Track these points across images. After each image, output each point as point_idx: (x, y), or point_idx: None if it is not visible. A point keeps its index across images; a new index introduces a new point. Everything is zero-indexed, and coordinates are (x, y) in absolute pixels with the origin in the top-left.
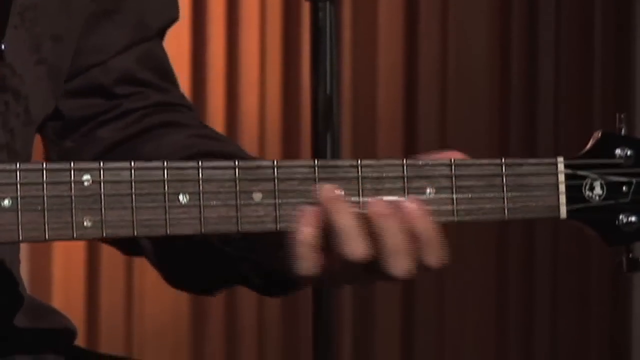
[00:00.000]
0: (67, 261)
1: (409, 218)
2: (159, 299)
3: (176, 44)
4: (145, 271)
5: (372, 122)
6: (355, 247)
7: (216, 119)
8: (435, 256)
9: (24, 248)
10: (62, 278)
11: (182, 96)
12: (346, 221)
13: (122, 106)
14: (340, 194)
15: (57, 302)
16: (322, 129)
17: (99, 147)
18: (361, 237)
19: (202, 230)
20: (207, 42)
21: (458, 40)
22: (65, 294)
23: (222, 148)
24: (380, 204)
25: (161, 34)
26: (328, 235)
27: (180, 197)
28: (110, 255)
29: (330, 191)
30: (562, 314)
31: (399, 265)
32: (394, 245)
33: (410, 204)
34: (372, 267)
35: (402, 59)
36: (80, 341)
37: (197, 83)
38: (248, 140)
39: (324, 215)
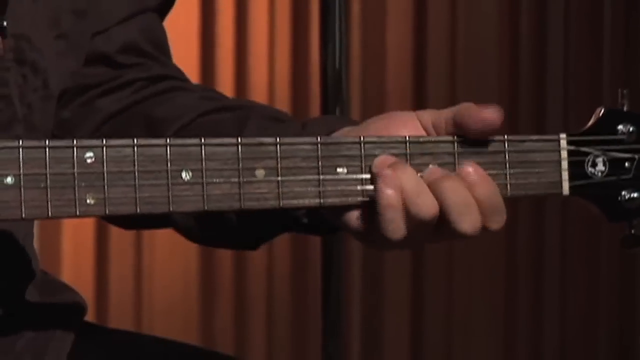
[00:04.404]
0: (76, 236)
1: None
2: (169, 274)
3: (185, 19)
4: (155, 246)
5: (381, 97)
6: (426, 206)
7: (225, 94)
8: (497, 221)
9: (34, 223)
10: (71, 252)
11: (180, 70)
12: (414, 182)
13: (125, 76)
14: (397, 159)
15: (66, 276)
16: (332, 104)
17: (98, 118)
18: (430, 196)
19: (205, 207)
20: (216, 17)
21: (467, 15)
22: (74, 268)
23: (235, 102)
24: (438, 171)
25: (160, 9)
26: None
27: (183, 174)
28: (119, 230)
29: (387, 160)
30: (571, 311)
31: (467, 221)
32: (460, 202)
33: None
34: (441, 226)
35: (412, 33)
36: (89, 316)
37: (206, 58)
38: None
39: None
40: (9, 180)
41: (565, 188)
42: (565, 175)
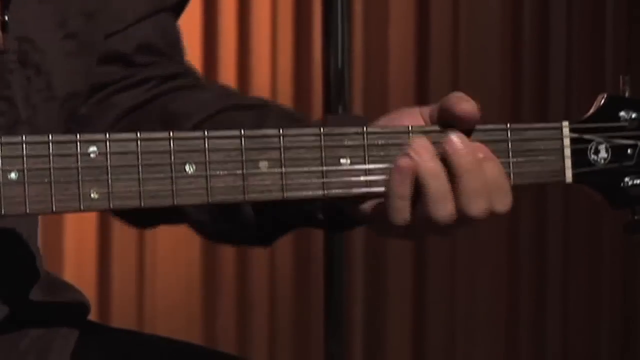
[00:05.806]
0: (78, 235)
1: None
2: (171, 273)
3: (188, 17)
4: (157, 245)
5: (384, 95)
6: (444, 208)
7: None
8: (504, 202)
9: (37, 223)
10: (73, 252)
11: (194, 69)
12: (438, 183)
13: (141, 74)
14: (431, 148)
15: (69, 276)
16: (334, 103)
17: (114, 114)
18: (451, 199)
19: (209, 200)
20: (218, 16)
21: (469, 14)
22: (76, 267)
23: (253, 100)
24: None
25: (176, 8)
26: (418, 192)
27: (187, 167)
28: (122, 229)
29: (421, 144)
30: (574, 308)
31: (477, 206)
32: (474, 186)
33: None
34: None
35: (414, 32)
36: (92, 315)
37: (208, 57)
38: None
39: (416, 172)
40: (13, 175)
41: (569, 176)
42: (568, 162)
